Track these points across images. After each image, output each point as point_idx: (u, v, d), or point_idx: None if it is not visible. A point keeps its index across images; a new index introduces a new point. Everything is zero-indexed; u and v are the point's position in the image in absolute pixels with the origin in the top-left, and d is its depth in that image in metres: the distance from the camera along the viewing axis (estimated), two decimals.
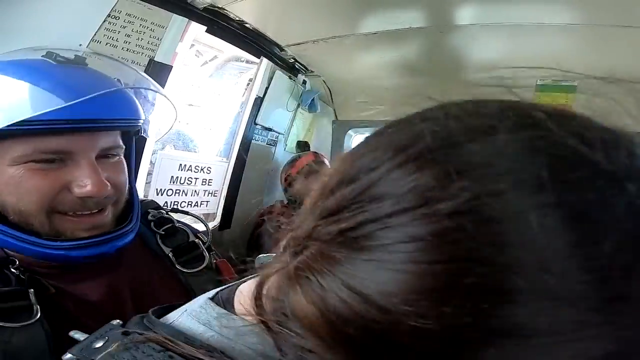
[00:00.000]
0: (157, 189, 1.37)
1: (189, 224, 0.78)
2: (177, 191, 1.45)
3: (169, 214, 0.75)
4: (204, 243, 0.72)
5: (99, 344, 0.31)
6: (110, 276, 0.60)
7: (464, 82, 1.62)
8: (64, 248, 0.53)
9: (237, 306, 0.31)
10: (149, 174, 1.34)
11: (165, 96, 0.73)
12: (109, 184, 0.56)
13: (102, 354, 0.29)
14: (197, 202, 1.55)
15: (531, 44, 1.32)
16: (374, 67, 1.61)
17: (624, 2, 1.05)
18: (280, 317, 0.24)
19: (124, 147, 0.62)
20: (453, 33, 1.29)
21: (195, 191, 1.53)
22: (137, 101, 0.64)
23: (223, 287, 0.35)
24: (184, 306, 0.34)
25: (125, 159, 0.63)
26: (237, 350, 0.29)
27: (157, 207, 0.75)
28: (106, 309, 0.57)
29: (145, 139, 1.02)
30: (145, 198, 0.80)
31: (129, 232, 0.60)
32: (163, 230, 0.70)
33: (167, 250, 0.67)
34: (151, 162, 1.33)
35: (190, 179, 1.49)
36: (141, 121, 0.63)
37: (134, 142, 0.68)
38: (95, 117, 0.54)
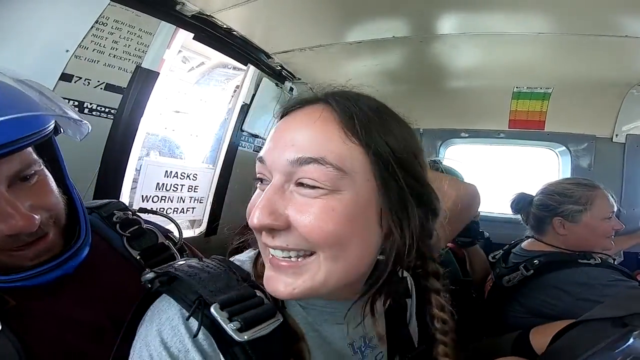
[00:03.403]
0: (142, 196, 1.35)
1: (159, 224, 0.75)
2: (163, 198, 1.44)
3: (136, 215, 0.71)
4: (175, 244, 0.70)
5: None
6: (76, 285, 0.57)
7: (443, 89, 1.68)
8: (20, 280, 0.50)
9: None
10: (134, 180, 1.32)
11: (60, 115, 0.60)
12: (35, 215, 0.49)
13: (178, 263, 0.45)
14: (183, 208, 1.54)
15: (508, 52, 1.39)
16: (358, 75, 1.65)
17: (593, 12, 1.11)
18: None
19: (39, 160, 0.54)
20: (433, 42, 1.34)
21: (181, 198, 1.52)
22: (34, 104, 0.54)
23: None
24: None
25: (53, 163, 0.57)
26: None
27: (124, 208, 0.71)
28: (77, 317, 0.54)
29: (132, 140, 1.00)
30: (110, 200, 0.74)
31: (82, 248, 0.56)
32: (129, 232, 0.66)
33: (134, 253, 0.65)
34: (136, 169, 1.31)
35: (176, 186, 1.48)
36: (49, 127, 0.53)
37: (56, 143, 0.58)
38: None
